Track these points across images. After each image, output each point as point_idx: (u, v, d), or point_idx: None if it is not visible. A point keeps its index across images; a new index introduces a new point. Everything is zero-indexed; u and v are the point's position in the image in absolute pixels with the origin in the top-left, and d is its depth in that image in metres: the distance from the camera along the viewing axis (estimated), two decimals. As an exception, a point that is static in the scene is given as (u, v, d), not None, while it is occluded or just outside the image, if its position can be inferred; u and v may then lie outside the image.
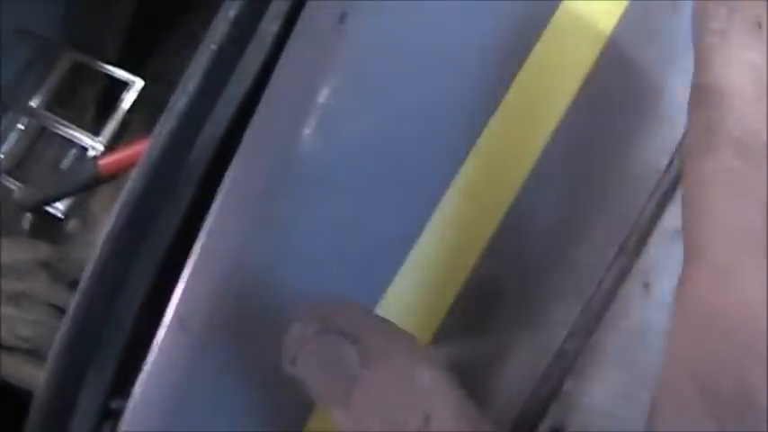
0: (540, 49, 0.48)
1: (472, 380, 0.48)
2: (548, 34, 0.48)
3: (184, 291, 0.46)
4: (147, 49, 1.14)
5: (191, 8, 1.18)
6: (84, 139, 1.03)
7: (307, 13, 0.47)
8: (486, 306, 0.47)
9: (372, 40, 0.45)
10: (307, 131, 0.45)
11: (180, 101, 0.49)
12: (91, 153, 1.02)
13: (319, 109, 0.45)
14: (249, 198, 0.45)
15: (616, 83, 0.49)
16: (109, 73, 1.07)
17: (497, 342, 0.48)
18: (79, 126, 1.05)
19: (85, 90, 1.09)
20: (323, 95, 0.45)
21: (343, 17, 0.46)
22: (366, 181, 0.45)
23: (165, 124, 0.49)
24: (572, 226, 0.49)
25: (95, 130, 1.04)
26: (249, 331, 0.45)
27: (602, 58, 0.48)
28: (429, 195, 0.46)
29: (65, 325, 0.53)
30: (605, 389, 0.49)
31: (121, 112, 1.05)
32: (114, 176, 0.88)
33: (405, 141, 0.45)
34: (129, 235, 0.50)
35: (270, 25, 0.51)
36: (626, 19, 0.49)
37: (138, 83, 1.06)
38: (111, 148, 1.03)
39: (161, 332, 0.47)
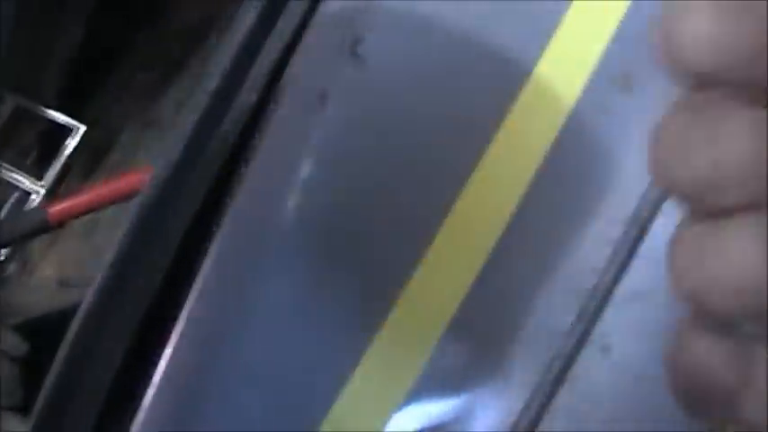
0: (505, 126, 0.51)
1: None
2: (513, 112, 0.51)
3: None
4: (86, 93, 1.14)
5: (131, 52, 1.19)
6: (26, 182, 1.03)
7: (288, 91, 0.50)
8: (455, 370, 0.50)
9: (352, 120, 0.48)
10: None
11: (162, 172, 0.51)
12: (33, 197, 1.02)
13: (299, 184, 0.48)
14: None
15: (574, 157, 0.53)
16: (51, 118, 1.08)
17: (467, 401, 0.51)
18: (21, 170, 1.05)
19: (27, 134, 1.09)
20: (304, 171, 0.48)
21: (324, 96, 0.48)
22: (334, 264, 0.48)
23: (145, 194, 0.51)
24: (531, 293, 0.52)
25: (38, 174, 1.05)
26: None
27: (563, 134, 0.52)
28: (391, 278, 0.48)
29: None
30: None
31: (64, 157, 1.05)
32: (62, 224, 0.88)
33: (375, 217, 0.48)
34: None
35: (248, 96, 0.53)
36: (583, 99, 0.52)
37: (81, 128, 1.06)
38: (53, 191, 1.03)
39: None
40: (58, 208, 0.88)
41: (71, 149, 1.06)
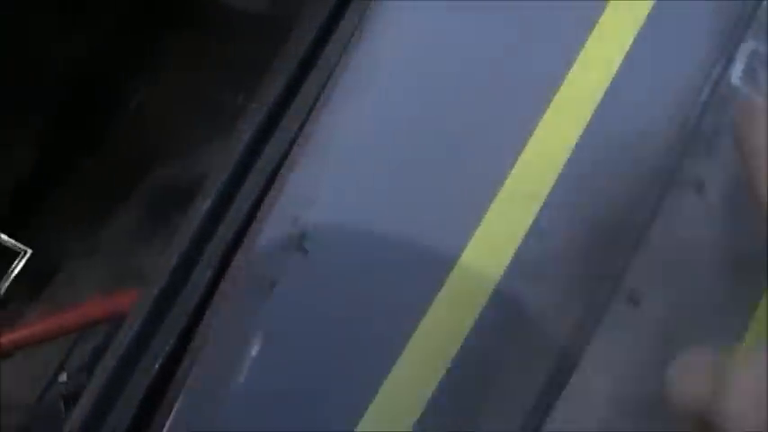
0: (432, 310, 0.58)
1: None
2: (438, 299, 0.58)
3: None
4: (30, 217, 1.18)
5: (77, 180, 1.23)
6: (-32, 306, 1.07)
7: (240, 276, 0.57)
8: None
9: (299, 304, 0.55)
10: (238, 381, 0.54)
11: (121, 344, 0.57)
12: (-25, 320, 1.06)
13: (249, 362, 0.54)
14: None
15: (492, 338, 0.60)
16: (-3, 240, 1.12)
17: None
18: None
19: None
20: (254, 350, 0.54)
21: (273, 284, 0.55)
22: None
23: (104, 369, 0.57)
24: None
25: (-20, 298, 1.08)
26: None
27: (481, 319, 0.59)
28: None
29: None
30: None
31: (9, 281, 1.09)
32: (10, 354, 0.92)
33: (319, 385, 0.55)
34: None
35: (203, 274, 0.59)
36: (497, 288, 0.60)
37: (28, 252, 1.11)
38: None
39: None
40: (6, 338, 0.91)
41: (16, 272, 1.10)
